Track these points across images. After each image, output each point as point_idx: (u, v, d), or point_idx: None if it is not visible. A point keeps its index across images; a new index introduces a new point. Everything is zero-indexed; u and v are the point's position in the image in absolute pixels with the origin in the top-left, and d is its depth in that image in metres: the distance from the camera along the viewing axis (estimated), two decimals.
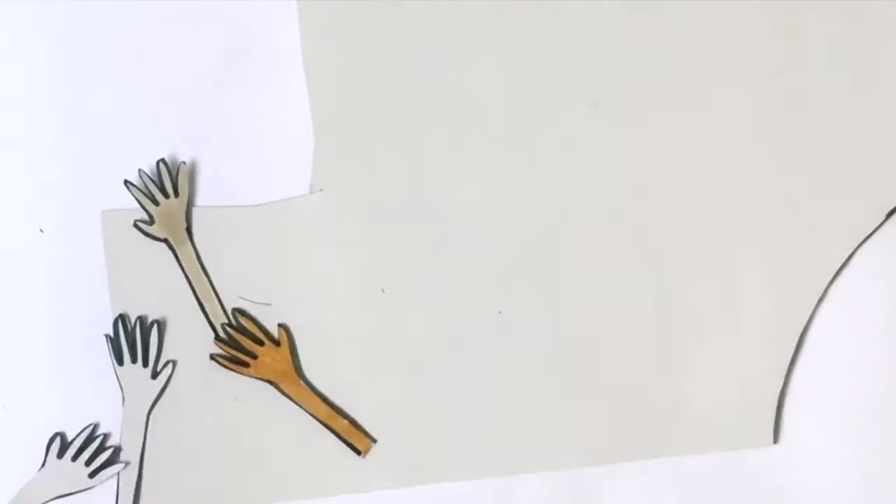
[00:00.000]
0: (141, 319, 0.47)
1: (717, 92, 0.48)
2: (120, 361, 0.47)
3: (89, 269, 0.48)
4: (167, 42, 0.48)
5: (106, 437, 0.47)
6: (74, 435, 0.47)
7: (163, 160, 0.48)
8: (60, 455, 0.47)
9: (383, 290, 0.48)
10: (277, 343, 0.48)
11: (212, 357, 0.47)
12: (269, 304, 0.48)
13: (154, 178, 0.48)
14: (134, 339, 0.47)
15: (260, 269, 0.48)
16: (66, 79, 0.48)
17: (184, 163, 0.48)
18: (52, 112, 0.48)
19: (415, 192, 0.48)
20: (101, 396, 0.47)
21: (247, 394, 0.47)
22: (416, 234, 0.48)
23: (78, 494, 0.47)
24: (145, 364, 0.47)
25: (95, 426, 0.47)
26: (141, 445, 0.47)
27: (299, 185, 0.48)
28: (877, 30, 0.49)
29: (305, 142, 0.48)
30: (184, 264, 0.48)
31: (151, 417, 0.47)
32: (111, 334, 0.47)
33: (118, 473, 0.47)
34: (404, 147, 0.48)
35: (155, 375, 0.47)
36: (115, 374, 0.47)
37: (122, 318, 0.47)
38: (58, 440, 0.47)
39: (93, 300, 0.48)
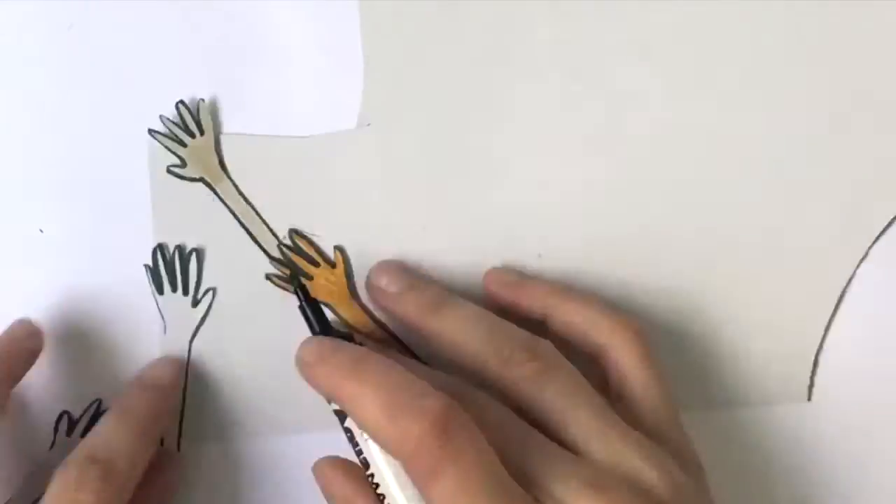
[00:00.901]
0: (180, 248, 0.47)
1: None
2: (160, 290, 0.47)
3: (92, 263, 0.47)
4: (167, 42, 0.47)
5: None
6: (80, 413, 0.47)
7: (181, 101, 0.47)
8: (69, 434, 0.47)
9: (424, 228, 0.48)
10: (333, 265, 0.47)
11: (267, 277, 0.47)
12: (319, 236, 0.47)
13: (177, 121, 0.47)
14: (173, 267, 0.47)
15: (305, 202, 0.47)
16: (66, 78, 0.47)
17: (202, 99, 0.47)
18: (51, 112, 0.47)
19: (462, 132, 0.47)
20: (103, 377, 0.47)
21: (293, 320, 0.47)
22: (461, 175, 0.48)
23: None
24: (185, 292, 0.47)
25: (100, 402, 0.47)
26: (184, 375, 0.47)
27: (347, 118, 0.47)
28: (878, 29, 0.48)
29: (356, 75, 0.47)
30: (224, 198, 0.47)
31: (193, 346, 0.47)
32: (150, 263, 0.47)
33: None
34: (455, 86, 0.47)
35: (196, 303, 0.47)
36: (156, 305, 0.47)
37: (160, 247, 0.47)
38: (65, 419, 0.47)
39: (93, 290, 0.47)
